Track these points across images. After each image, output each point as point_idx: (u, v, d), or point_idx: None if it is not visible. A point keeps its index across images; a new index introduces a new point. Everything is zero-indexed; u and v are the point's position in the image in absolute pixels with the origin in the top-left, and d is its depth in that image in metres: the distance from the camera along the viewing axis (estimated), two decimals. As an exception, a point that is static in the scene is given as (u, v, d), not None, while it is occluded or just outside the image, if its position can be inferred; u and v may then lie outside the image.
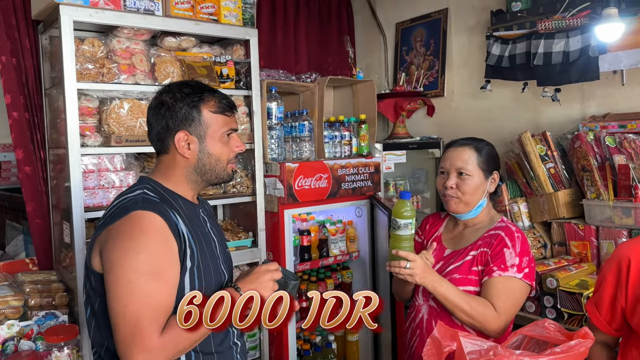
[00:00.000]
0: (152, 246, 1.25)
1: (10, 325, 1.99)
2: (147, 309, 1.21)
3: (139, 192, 1.35)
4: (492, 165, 1.81)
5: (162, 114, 1.39)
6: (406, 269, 1.64)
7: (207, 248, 1.42)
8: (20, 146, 2.41)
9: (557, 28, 2.42)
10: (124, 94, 2.26)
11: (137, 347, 1.18)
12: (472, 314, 1.63)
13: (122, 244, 1.24)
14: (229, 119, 1.44)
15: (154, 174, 1.45)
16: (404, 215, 1.66)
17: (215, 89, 1.46)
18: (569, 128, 2.68)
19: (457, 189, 1.78)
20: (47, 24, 2.32)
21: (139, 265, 1.22)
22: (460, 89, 3.31)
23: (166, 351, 1.22)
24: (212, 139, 1.41)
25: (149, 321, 1.20)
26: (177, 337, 1.23)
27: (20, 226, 3.35)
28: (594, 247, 2.36)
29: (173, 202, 1.37)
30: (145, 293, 1.21)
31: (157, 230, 1.27)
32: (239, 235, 2.58)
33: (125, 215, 1.27)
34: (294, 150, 2.71)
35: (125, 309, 1.20)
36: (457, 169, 1.78)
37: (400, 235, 1.68)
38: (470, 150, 1.79)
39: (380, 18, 3.79)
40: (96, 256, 1.31)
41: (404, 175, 3.34)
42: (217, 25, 2.43)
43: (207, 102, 1.40)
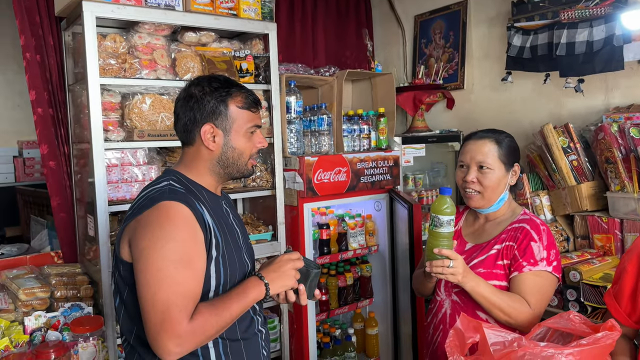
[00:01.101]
0: (180, 235, 1.27)
1: (38, 317, 2.04)
2: (176, 296, 1.23)
3: (165, 184, 1.38)
4: (512, 157, 1.78)
5: (190, 106, 1.42)
6: (450, 269, 1.59)
7: (231, 238, 1.44)
8: (44, 141, 2.45)
9: (580, 17, 2.38)
10: (146, 89, 2.28)
11: (167, 334, 1.20)
12: (510, 312, 1.62)
13: (152, 233, 1.27)
14: (254, 115, 1.47)
15: (179, 166, 1.47)
16: (446, 212, 1.60)
17: (242, 85, 1.48)
18: (592, 120, 2.64)
19: (478, 183, 1.75)
20: (70, 21, 2.36)
21: (168, 254, 1.25)
22: (480, 81, 3.28)
23: (195, 337, 1.24)
24: (237, 134, 1.43)
25: (179, 308, 1.22)
26: (206, 323, 1.25)
27: (45, 221, 3.42)
28: (617, 240, 2.32)
29: (198, 194, 1.40)
30: (174, 280, 1.24)
31: (184, 220, 1.29)
32: (259, 229, 2.60)
33: (153, 206, 1.30)
34: (313, 144, 2.72)
35: (154, 296, 1.23)
36: (477, 162, 1.75)
37: (441, 233, 1.61)
38: (490, 143, 1.76)
39: (398, 11, 3.76)
40: (125, 246, 1.34)
41: (423, 169, 3.32)
42: (236, 20, 2.44)
43: (234, 97, 1.43)
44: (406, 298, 2.77)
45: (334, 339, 2.89)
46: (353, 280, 2.91)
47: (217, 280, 1.36)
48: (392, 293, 2.90)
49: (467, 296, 1.69)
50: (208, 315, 1.26)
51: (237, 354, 1.40)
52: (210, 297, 1.35)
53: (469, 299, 1.69)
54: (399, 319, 2.88)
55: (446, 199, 1.62)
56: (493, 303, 1.63)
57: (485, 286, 1.64)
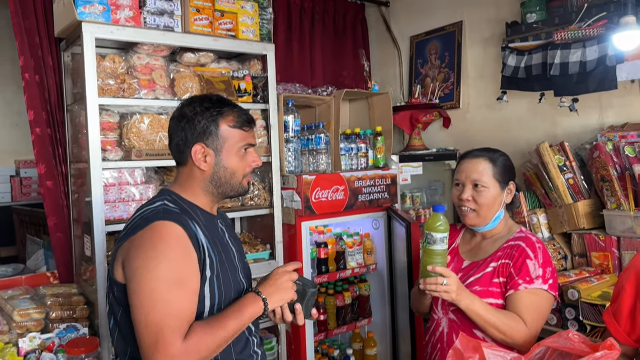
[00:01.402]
0: (173, 255, 1.27)
1: (32, 338, 2.01)
2: (169, 317, 1.22)
3: (160, 204, 1.38)
4: (507, 175, 1.80)
5: (182, 126, 1.43)
6: (443, 286, 1.59)
7: (226, 258, 1.44)
8: (42, 161, 2.45)
9: (573, 38, 2.42)
10: (144, 109, 2.29)
11: (160, 354, 1.20)
12: (505, 330, 1.61)
13: (144, 254, 1.27)
14: (246, 134, 1.47)
15: (174, 186, 1.48)
16: (439, 229, 1.60)
17: (235, 104, 1.49)
18: (587, 138, 2.66)
19: (473, 201, 1.76)
20: (69, 42, 2.38)
21: (161, 274, 1.24)
22: (476, 101, 3.31)
23: (189, 357, 1.23)
24: (229, 153, 1.44)
25: (172, 329, 1.22)
26: (200, 342, 1.25)
27: (41, 240, 3.40)
28: (615, 258, 2.32)
29: (192, 213, 1.40)
30: (167, 301, 1.23)
31: (177, 240, 1.29)
32: (257, 248, 2.59)
33: (147, 226, 1.30)
34: (311, 162, 2.73)
35: (148, 317, 1.22)
36: (472, 180, 1.76)
37: (434, 250, 1.62)
38: (485, 162, 1.77)
39: (394, 32, 3.82)
40: (119, 267, 1.34)
41: (420, 187, 3.33)
42: (235, 41, 2.47)
43: (225, 117, 1.43)
44: (405, 317, 2.75)
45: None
46: (351, 299, 2.89)
47: (211, 300, 1.35)
48: (391, 312, 2.88)
49: (464, 314, 1.68)
50: (202, 335, 1.25)
51: None
52: (204, 317, 1.34)
53: (466, 317, 1.68)
54: (398, 339, 2.86)
55: (439, 216, 1.62)
56: (488, 321, 1.62)
57: (480, 304, 1.64)
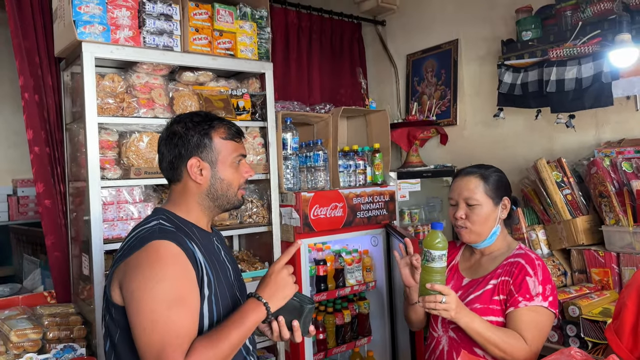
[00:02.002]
0: (171, 273, 1.26)
1: (29, 359, 1.99)
2: (170, 336, 1.21)
3: (155, 223, 1.37)
4: (501, 191, 1.80)
5: (175, 143, 1.43)
6: (442, 304, 1.58)
7: (223, 276, 1.43)
8: (40, 180, 2.45)
9: (568, 55, 2.45)
10: (143, 128, 2.30)
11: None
12: (505, 348, 1.60)
13: (142, 274, 1.25)
14: (238, 145, 1.49)
15: (167, 205, 1.47)
16: (437, 247, 1.60)
17: (223, 118, 1.51)
18: (584, 154, 2.68)
19: (467, 220, 1.77)
20: (69, 61, 2.40)
21: (160, 294, 1.23)
22: (472, 118, 3.33)
23: None
24: (224, 165, 1.45)
25: (173, 348, 1.21)
26: (203, 357, 1.23)
27: (38, 260, 3.38)
28: (615, 274, 2.32)
29: (188, 231, 1.39)
30: (168, 320, 1.22)
31: (175, 258, 1.28)
32: (255, 266, 2.58)
33: (143, 246, 1.29)
34: (309, 179, 2.73)
35: (149, 338, 1.21)
36: (464, 199, 1.78)
37: (433, 268, 1.61)
38: (476, 179, 1.79)
39: (390, 50, 3.86)
40: (116, 289, 1.32)
41: (418, 204, 3.33)
42: (233, 60, 2.49)
43: (217, 129, 1.45)
44: (405, 336, 2.73)
45: (332, 379, 2.83)
46: (351, 317, 2.86)
47: (210, 319, 1.34)
48: (391, 330, 2.85)
49: (464, 332, 1.67)
50: (204, 350, 1.24)
51: None
52: None
53: (466, 335, 1.67)
54: (398, 358, 2.83)
55: (438, 233, 1.62)
56: (487, 339, 1.61)
57: (480, 322, 1.63)
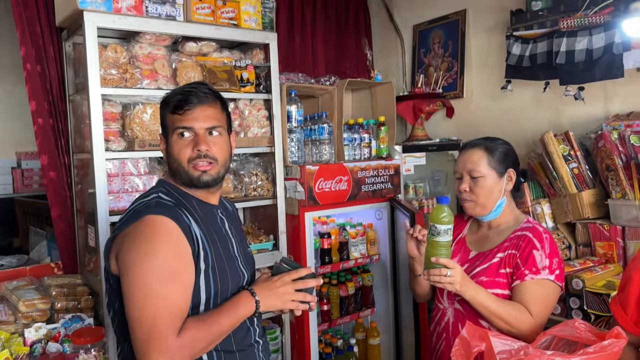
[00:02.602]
0: (165, 249, 1.26)
1: (38, 328, 2.02)
2: (162, 312, 1.22)
3: (154, 196, 1.37)
4: (506, 163, 1.78)
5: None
6: (447, 277, 1.59)
7: (223, 249, 1.42)
8: (45, 152, 2.44)
9: (579, 26, 2.39)
10: (147, 99, 2.28)
11: (154, 350, 1.20)
12: (510, 321, 1.61)
13: (136, 248, 1.26)
14: (180, 117, 1.38)
15: (168, 175, 1.48)
16: (443, 221, 1.60)
17: (188, 88, 1.41)
18: (592, 128, 2.64)
19: (471, 192, 1.76)
20: (70, 31, 2.36)
21: (153, 269, 1.24)
22: (479, 90, 3.29)
23: (183, 352, 1.23)
24: (170, 140, 1.41)
25: (165, 324, 1.21)
26: (194, 338, 1.24)
27: (44, 232, 3.40)
28: (620, 248, 2.32)
29: (187, 204, 1.38)
30: (160, 296, 1.23)
31: (169, 233, 1.28)
32: (260, 239, 2.59)
33: (138, 220, 1.29)
34: (314, 153, 2.72)
35: (141, 312, 1.22)
36: (468, 171, 1.77)
37: (439, 242, 1.61)
38: (480, 151, 1.78)
39: (397, 21, 3.79)
40: (113, 260, 1.33)
41: (423, 178, 3.32)
42: (237, 30, 2.45)
43: (168, 103, 1.42)
44: (408, 307, 2.76)
45: (336, 350, 2.87)
46: (354, 289, 2.89)
47: (207, 293, 1.34)
48: (394, 302, 2.88)
49: (470, 304, 1.68)
50: (196, 330, 1.25)
51: None
52: (200, 310, 1.33)
53: (471, 307, 1.68)
54: (401, 329, 2.86)
55: (444, 207, 1.62)
56: (493, 312, 1.62)
57: (485, 295, 1.64)
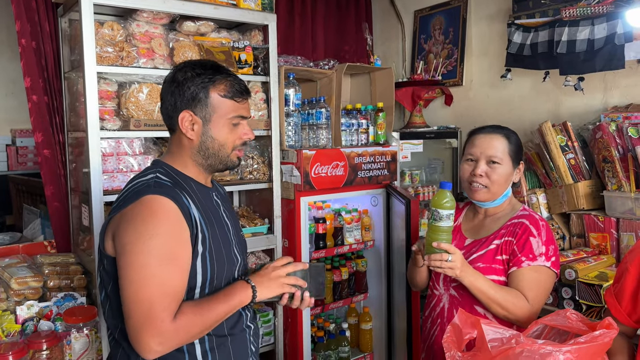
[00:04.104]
0: (164, 230, 1.24)
1: (30, 306, 2.02)
2: (159, 294, 1.20)
3: (152, 176, 1.34)
4: (519, 154, 1.79)
5: (172, 91, 1.37)
6: (448, 262, 1.59)
7: (220, 232, 1.40)
8: (39, 129, 2.42)
9: (581, 15, 2.37)
10: (143, 78, 2.25)
11: (149, 332, 1.19)
12: (508, 307, 1.62)
13: (135, 228, 1.23)
14: (238, 105, 1.39)
15: (166, 156, 1.43)
16: (445, 206, 1.60)
17: (230, 72, 1.41)
18: (590, 119, 2.64)
19: (486, 177, 1.74)
20: (66, 7, 2.32)
21: (151, 250, 1.21)
22: (479, 78, 3.27)
23: (178, 336, 1.22)
24: (218, 124, 1.37)
25: (162, 306, 1.20)
26: (190, 322, 1.23)
27: (38, 210, 3.38)
28: (613, 239, 2.33)
29: (185, 186, 1.36)
30: (157, 278, 1.21)
31: (168, 214, 1.25)
32: (255, 222, 2.58)
33: (137, 200, 1.26)
34: (311, 137, 2.70)
35: (137, 294, 1.20)
36: (488, 156, 1.74)
37: (440, 227, 1.61)
38: (502, 138, 1.76)
39: (398, 6, 3.75)
40: (109, 240, 1.30)
41: (420, 165, 3.31)
42: (236, 10, 2.41)
43: (217, 85, 1.36)
44: (401, 294, 2.76)
45: (328, 334, 2.89)
46: (348, 274, 2.90)
47: (203, 276, 1.33)
48: (387, 288, 2.89)
49: (465, 291, 1.69)
50: (192, 316, 1.24)
51: (224, 350, 1.37)
52: (196, 292, 1.33)
53: (467, 293, 1.69)
54: (393, 315, 2.88)
55: (446, 193, 1.62)
56: (491, 298, 1.63)
57: (484, 281, 1.64)
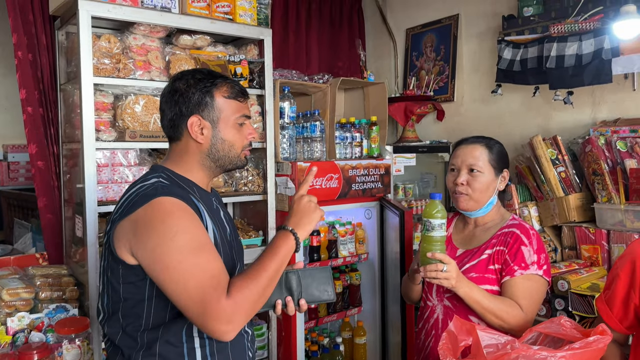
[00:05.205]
0: (185, 224, 1.24)
1: (21, 318, 1.99)
2: (206, 279, 1.20)
3: (155, 180, 1.33)
4: (502, 163, 1.82)
5: (176, 100, 1.38)
6: (443, 273, 1.59)
7: (223, 235, 1.42)
8: (34, 141, 2.42)
9: (569, 31, 2.44)
10: (139, 90, 2.27)
11: (212, 318, 1.18)
12: (502, 316, 1.63)
13: (156, 231, 1.22)
14: (241, 105, 1.43)
15: (166, 162, 1.43)
16: (437, 216, 1.62)
17: (226, 76, 1.45)
18: (579, 133, 2.69)
19: (468, 186, 1.78)
20: (64, 20, 2.35)
21: (181, 246, 1.21)
22: (470, 94, 3.32)
23: (242, 308, 1.21)
24: (226, 125, 1.40)
25: (213, 288, 1.19)
26: (246, 290, 1.22)
27: (29, 224, 3.36)
28: (604, 251, 2.35)
29: (189, 190, 1.36)
30: (198, 267, 1.21)
31: (183, 211, 1.26)
32: (249, 234, 2.58)
33: (147, 203, 1.25)
34: (305, 150, 2.72)
35: (186, 288, 1.19)
36: (468, 165, 1.78)
37: (433, 237, 1.62)
38: (481, 147, 1.80)
39: (390, 24, 3.82)
40: (122, 246, 1.28)
41: (413, 179, 3.34)
42: (232, 24, 2.45)
43: (219, 88, 1.40)
44: (396, 307, 2.76)
45: (322, 348, 2.87)
46: (342, 288, 2.90)
47: None
48: (381, 302, 2.89)
49: (459, 301, 1.69)
50: (244, 283, 1.23)
51: (223, 355, 1.37)
52: None
53: (461, 303, 1.69)
54: (387, 329, 2.87)
55: (437, 203, 1.64)
56: (486, 307, 1.63)
57: (479, 291, 1.65)
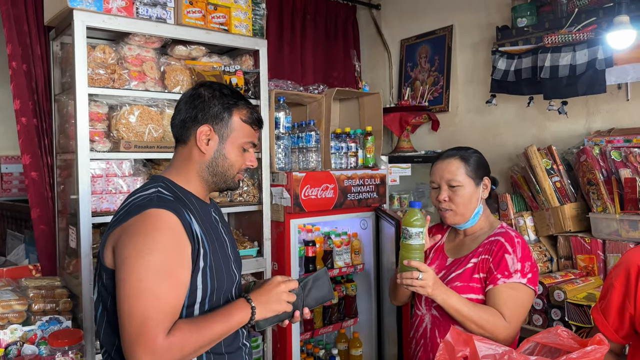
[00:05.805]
0: (164, 245, 1.24)
1: (14, 330, 1.96)
2: (154, 310, 1.19)
3: (154, 191, 1.35)
4: (481, 171, 1.82)
5: (195, 105, 1.42)
6: (419, 280, 1.60)
7: (220, 248, 1.41)
8: (27, 152, 2.40)
9: (563, 42, 2.46)
10: (134, 100, 2.27)
11: (141, 347, 1.17)
12: (483, 324, 1.62)
13: (136, 242, 1.24)
14: (253, 132, 1.47)
15: (168, 171, 1.45)
16: (415, 224, 1.64)
17: (249, 101, 1.49)
18: (574, 143, 2.70)
19: (450, 202, 1.78)
20: (59, 30, 2.35)
21: (150, 264, 1.21)
22: (464, 105, 3.34)
23: (171, 354, 1.20)
24: (232, 144, 1.43)
25: (155, 322, 1.19)
26: (183, 340, 1.22)
27: (22, 235, 3.33)
28: (600, 261, 2.35)
29: (187, 202, 1.37)
30: (153, 293, 1.20)
31: (170, 230, 1.26)
32: (244, 245, 2.57)
33: (140, 213, 1.27)
34: (301, 160, 2.72)
35: (132, 307, 1.19)
36: (447, 181, 1.79)
37: (411, 245, 1.64)
38: (456, 161, 1.80)
39: (385, 35, 3.84)
40: (109, 253, 1.30)
41: (408, 189, 3.35)
42: (227, 35, 2.46)
43: (240, 109, 1.44)
44: (392, 318, 2.75)
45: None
46: (338, 299, 2.88)
47: (203, 291, 1.33)
48: (377, 313, 2.87)
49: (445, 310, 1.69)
50: (187, 332, 1.22)
51: None
52: (195, 308, 1.32)
53: (447, 312, 1.69)
54: (384, 340, 2.85)
55: (415, 211, 1.65)
56: (465, 315, 1.63)
57: (457, 299, 1.64)
